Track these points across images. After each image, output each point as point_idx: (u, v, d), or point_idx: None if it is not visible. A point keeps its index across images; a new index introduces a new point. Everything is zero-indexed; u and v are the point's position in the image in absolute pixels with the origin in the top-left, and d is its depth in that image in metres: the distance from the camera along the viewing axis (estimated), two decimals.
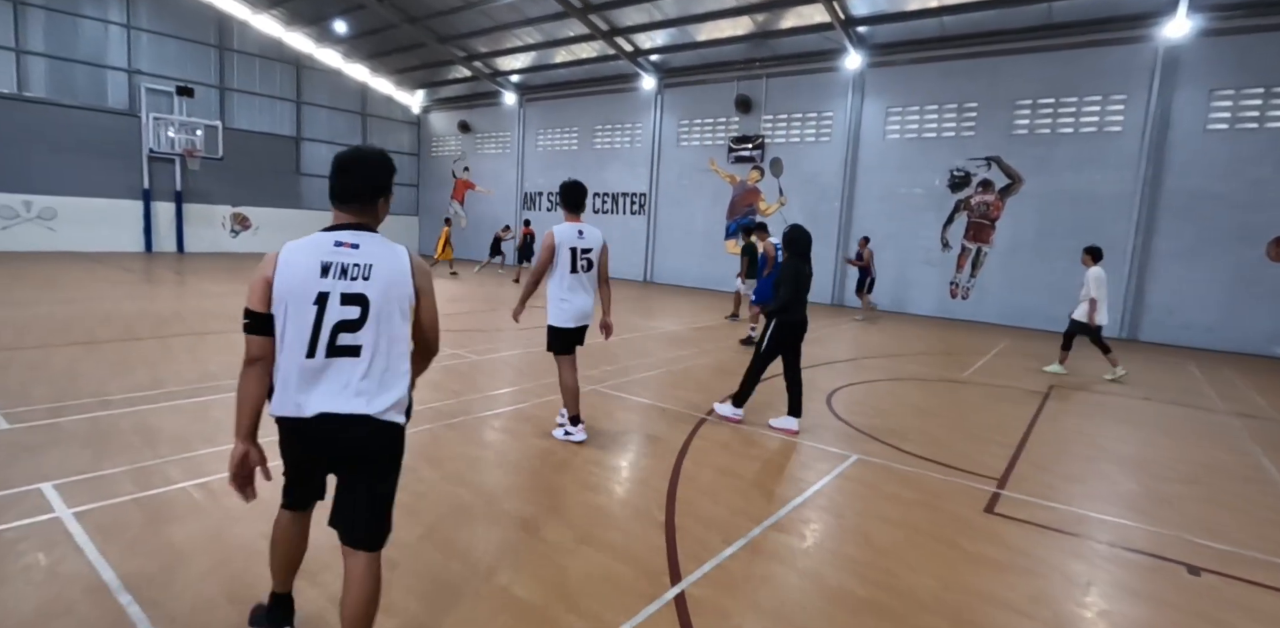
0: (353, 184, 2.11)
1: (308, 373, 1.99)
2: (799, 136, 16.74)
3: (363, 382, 2.01)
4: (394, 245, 2.14)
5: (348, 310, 2.00)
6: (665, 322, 11.52)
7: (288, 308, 1.99)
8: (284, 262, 2.01)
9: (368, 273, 2.03)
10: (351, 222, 2.13)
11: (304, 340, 1.98)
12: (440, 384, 6.29)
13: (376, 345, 2.03)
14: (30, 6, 18.00)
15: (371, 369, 2.02)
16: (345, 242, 2.06)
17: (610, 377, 6.99)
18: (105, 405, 5.03)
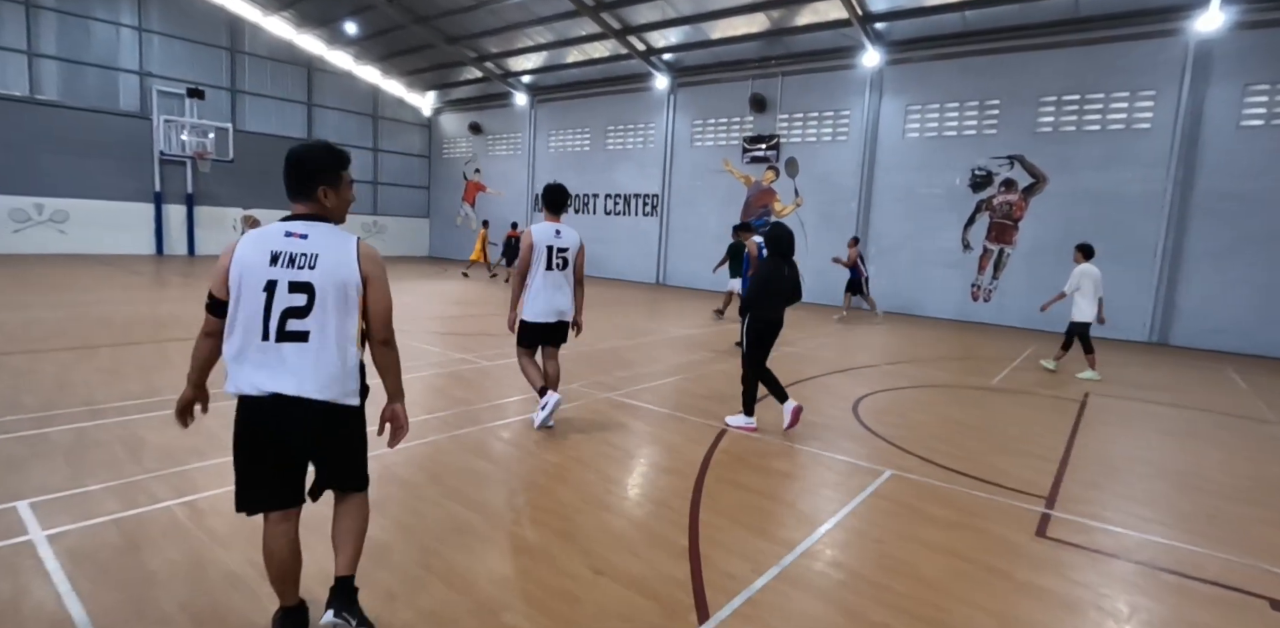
0: (293, 178, 2.23)
1: (261, 355, 2.13)
2: (815, 136, 16.40)
3: (311, 366, 2.13)
4: (344, 235, 2.21)
5: (295, 298, 2.12)
6: (678, 325, 11.22)
7: (240, 294, 2.11)
8: (239, 251, 2.13)
9: (314, 262, 2.13)
10: (303, 213, 2.23)
11: (257, 325, 2.11)
12: (445, 391, 6.01)
13: (324, 331, 2.14)
14: (42, 9, 17.99)
15: (320, 354, 2.14)
16: (295, 232, 2.17)
17: (623, 383, 6.69)
18: (94, 415, 4.79)
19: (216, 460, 4.02)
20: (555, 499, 3.75)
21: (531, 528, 3.37)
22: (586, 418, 5.39)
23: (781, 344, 9.46)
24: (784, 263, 5.28)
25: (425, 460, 4.23)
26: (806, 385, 7.07)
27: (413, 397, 5.73)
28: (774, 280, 5.20)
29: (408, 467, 4.10)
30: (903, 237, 15.07)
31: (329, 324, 2.15)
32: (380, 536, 3.19)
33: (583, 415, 5.46)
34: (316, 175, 2.22)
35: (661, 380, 6.89)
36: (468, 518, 3.44)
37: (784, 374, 7.37)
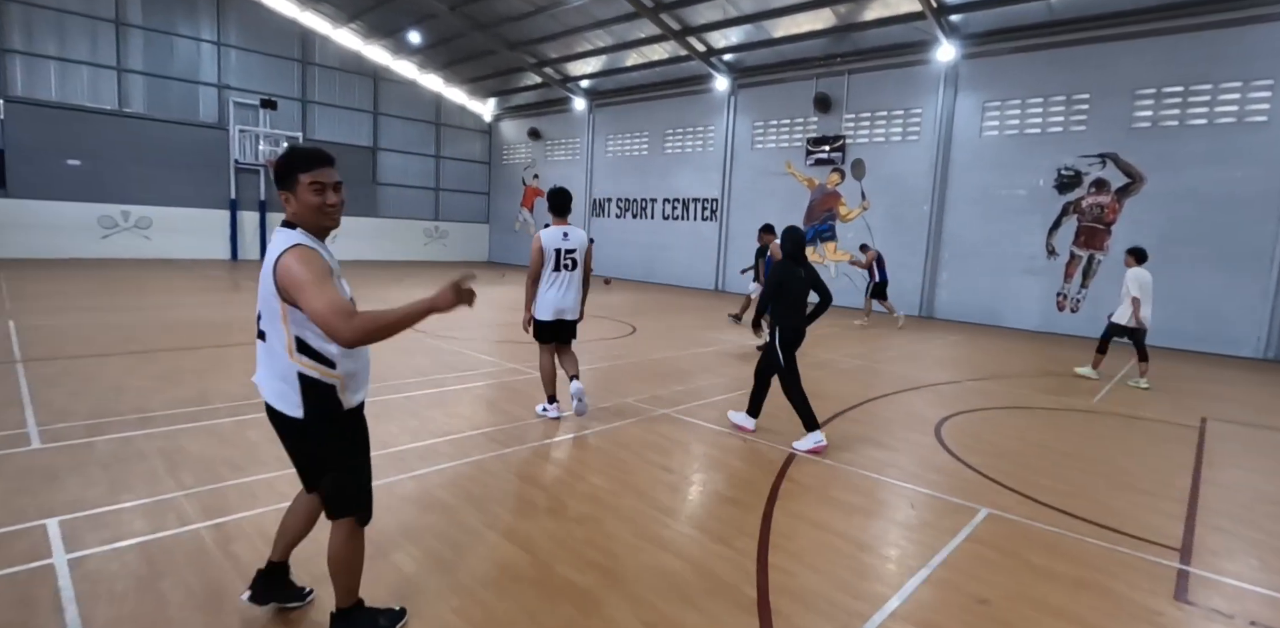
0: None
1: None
2: (884, 136, 15.63)
3: (260, 368, 2.22)
4: (280, 243, 2.10)
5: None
6: (739, 335, 10.73)
7: None
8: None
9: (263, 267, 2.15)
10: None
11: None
12: (495, 404, 5.74)
13: (267, 335, 2.16)
14: (131, 27, 18.96)
15: (266, 357, 2.19)
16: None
17: (682, 398, 6.29)
18: (143, 423, 4.70)
19: (252, 477, 3.82)
20: (605, 533, 3.38)
21: (577, 568, 3.00)
22: (641, 437, 5.02)
23: (850, 357, 8.87)
24: (797, 265, 5.10)
25: (469, 483, 3.93)
26: (880, 404, 6.50)
27: (461, 410, 5.48)
28: (788, 282, 5.04)
29: (450, 490, 3.81)
30: (980, 241, 14.14)
31: (269, 329, 2.15)
32: (413, 569, 2.90)
33: (637, 434, 5.08)
34: (277, 182, 2.19)
35: (722, 396, 6.46)
36: (509, 554, 3.10)
37: (853, 390, 6.84)
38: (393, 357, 7.49)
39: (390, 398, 5.74)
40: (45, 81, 17.87)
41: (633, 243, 21.36)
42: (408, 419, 5.14)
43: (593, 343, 9.08)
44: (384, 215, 24.78)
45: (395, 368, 6.96)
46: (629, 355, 8.32)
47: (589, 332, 9.95)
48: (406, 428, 4.92)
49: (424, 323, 8.30)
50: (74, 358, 6.65)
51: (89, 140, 18.43)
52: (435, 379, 6.56)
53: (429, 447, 4.51)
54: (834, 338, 10.90)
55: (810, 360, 8.54)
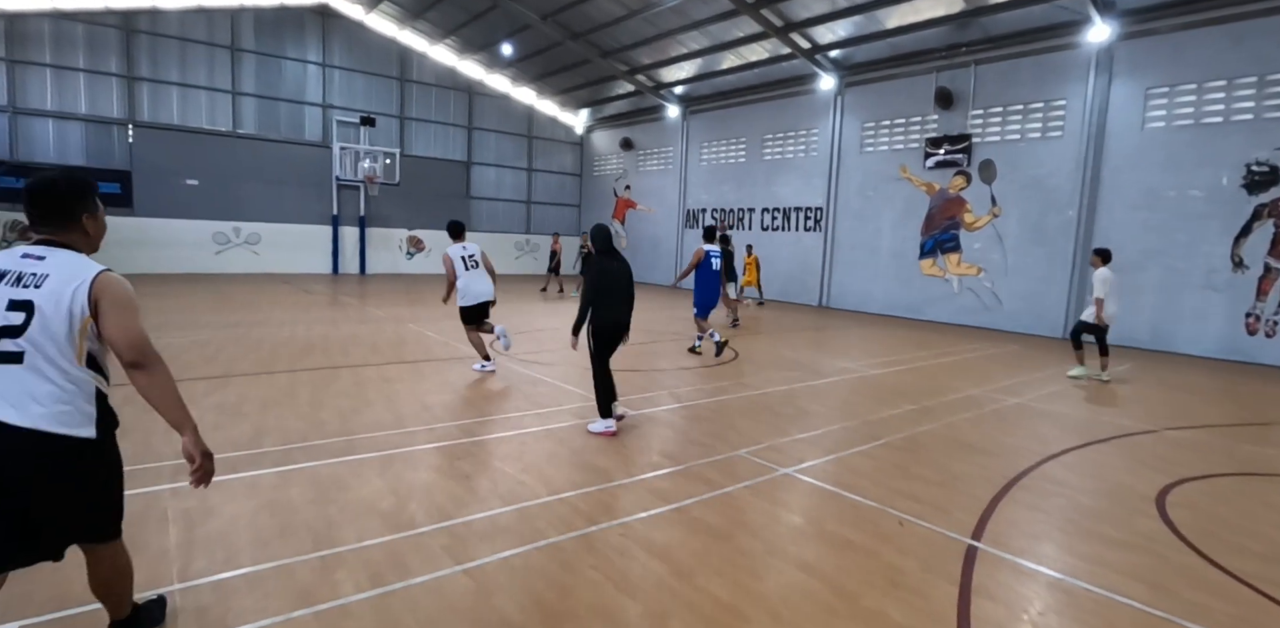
0: (35, 209, 2.16)
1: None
2: (1018, 133, 13.76)
3: (18, 391, 1.98)
4: (87, 262, 2.12)
5: (12, 316, 2.00)
6: (857, 361, 9.36)
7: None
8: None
9: (40, 282, 2.04)
10: (45, 238, 2.15)
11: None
12: (580, 455, 4.75)
13: (43, 355, 2.01)
14: (245, 52, 19.79)
15: (27, 378, 1.99)
16: (32, 254, 2.10)
17: (806, 451, 5.08)
18: (179, 473, 4.04)
19: (256, 567, 2.99)
20: None
21: None
22: (764, 512, 3.89)
23: (1002, 392, 7.34)
24: (612, 260, 5.37)
25: (542, 582, 2.94)
26: (1065, 466, 5.05)
27: (536, 462, 4.54)
28: (606, 276, 5.28)
29: (515, 596, 2.83)
30: (1144, 252, 12.04)
31: (49, 346, 2.02)
32: None
33: (757, 507, 3.96)
34: (88, 202, 2.23)
35: (858, 448, 5.21)
36: None
37: (1023, 444, 5.32)
38: (465, 386, 6.71)
39: (456, 443, 4.89)
40: (168, 106, 18.86)
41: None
42: (476, 472, 4.25)
43: (691, 371, 8.01)
44: (476, 229, 24.77)
45: (471, 400, 6.15)
46: (734, 388, 7.19)
47: (686, 358, 8.90)
48: (470, 487, 4.02)
49: (511, 347, 7.09)
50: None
51: (205, 160, 19.30)
52: (511, 419, 5.68)
53: (492, 520, 3.58)
54: (972, 366, 9.32)
55: (955, 397, 7.10)
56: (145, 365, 2.15)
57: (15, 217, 17.11)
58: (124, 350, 2.13)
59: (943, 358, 9.90)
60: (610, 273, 5.30)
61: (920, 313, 15.39)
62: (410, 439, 4.92)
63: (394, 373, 7.20)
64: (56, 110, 17.48)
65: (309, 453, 4.51)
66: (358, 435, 4.94)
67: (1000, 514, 3.96)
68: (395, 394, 6.26)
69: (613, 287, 5.29)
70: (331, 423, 5.22)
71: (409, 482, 4.07)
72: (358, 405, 5.80)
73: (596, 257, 5.38)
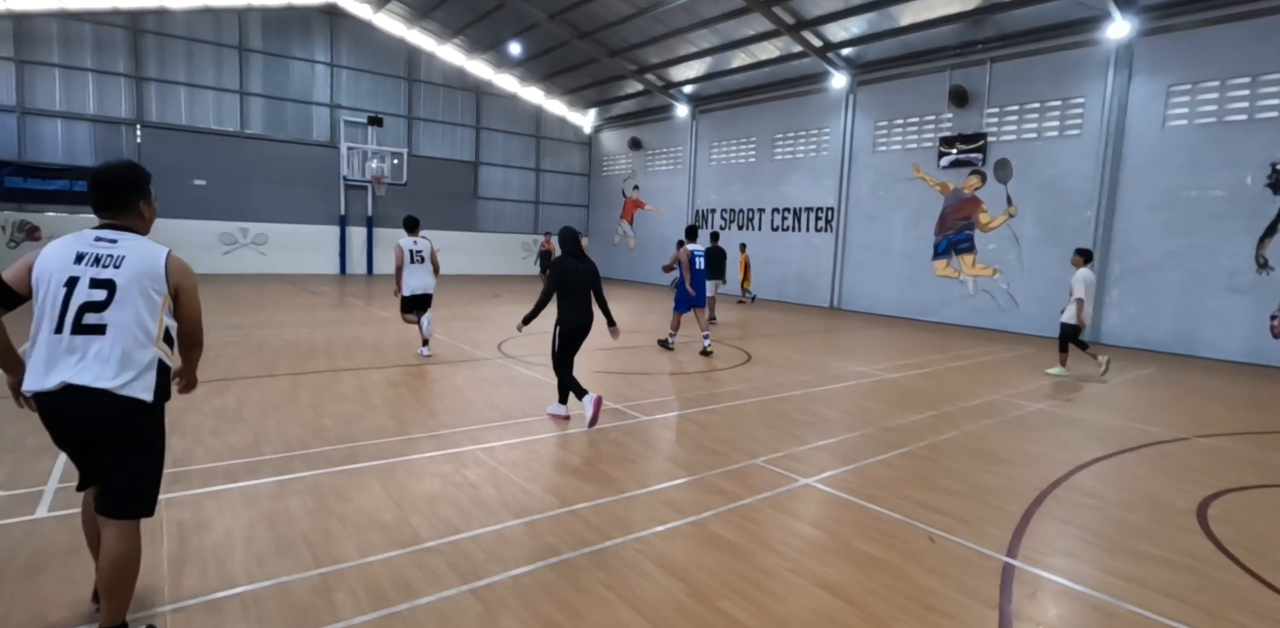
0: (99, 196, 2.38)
1: (55, 349, 2.20)
2: (1035, 131, 13.51)
3: (100, 359, 2.21)
4: (154, 245, 2.36)
5: (95, 293, 2.23)
6: (872, 364, 9.15)
7: (46, 289, 2.24)
8: (46, 251, 2.28)
9: (118, 263, 2.27)
10: (111, 223, 2.38)
11: (53, 317, 2.21)
12: (590, 465, 4.58)
13: (122, 328, 2.24)
14: (252, 52, 19.74)
15: (110, 348, 2.22)
16: (105, 238, 2.32)
17: (825, 460, 4.89)
18: (172, 483, 3.88)
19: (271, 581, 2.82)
20: None
21: None
22: (782, 525, 3.70)
23: (1023, 398, 7.12)
24: (578, 261, 5.50)
25: (553, 603, 2.76)
26: (1097, 476, 4.84)
27: (545, 471, 4.36)
28: (570, 276, 5.45)
29: (522, 619, 2.65)
30: (1164, 253, 11.78)
31: (127, 320, 2.26)
32: None
33: (776, 520, 3.77)
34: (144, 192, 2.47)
35: (878, 457, 5.01)
36: None
37: (1050, 453, 5.08)
38: (469, 390, 6.55)
39: (462, 451, 4.72)
40: (176, 106, 18.83)
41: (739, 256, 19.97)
42: (483, 482, 4.08)
43: (704, 375, 7.83)
44: (484, 230, 24.70)
45: (476, 405, 5.98)
46: (748, 392, 7.00)
47: (696, 362, 8.72)
48: (476, 498, 3.85)
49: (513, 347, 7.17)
50: None
51: (212, 161, 19.26)
52: (518, 424, 5.51)
53: (500, 534, 3.40)
54: (990, 370, 9.10)
55: (975, 402, 6.89)
56: (200, 344, 2.64)
57: (24, 216, 17.10)
58: (192, 331, 2.54)
59: (959, 361, 9.68)
60: (577, 273, 5.44)
61: (933, 315, 15.15)
62: (414, 446, 4.76)
63: (398, 377, 7.05)
64: (64, 111, 17.46)
65: (309, 461, 4.36)
66: (360, 442, 4.78)
67: (1034, 529, 3.76)
68: (399, 399, 6.11)
69: (578, 288, 5.44)
70: (333, 429, 5.06)
71: (413, 492, 3.91)
72: (360, 411, 5.64)
73: (563, 257, 5.53)
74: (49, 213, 17.37)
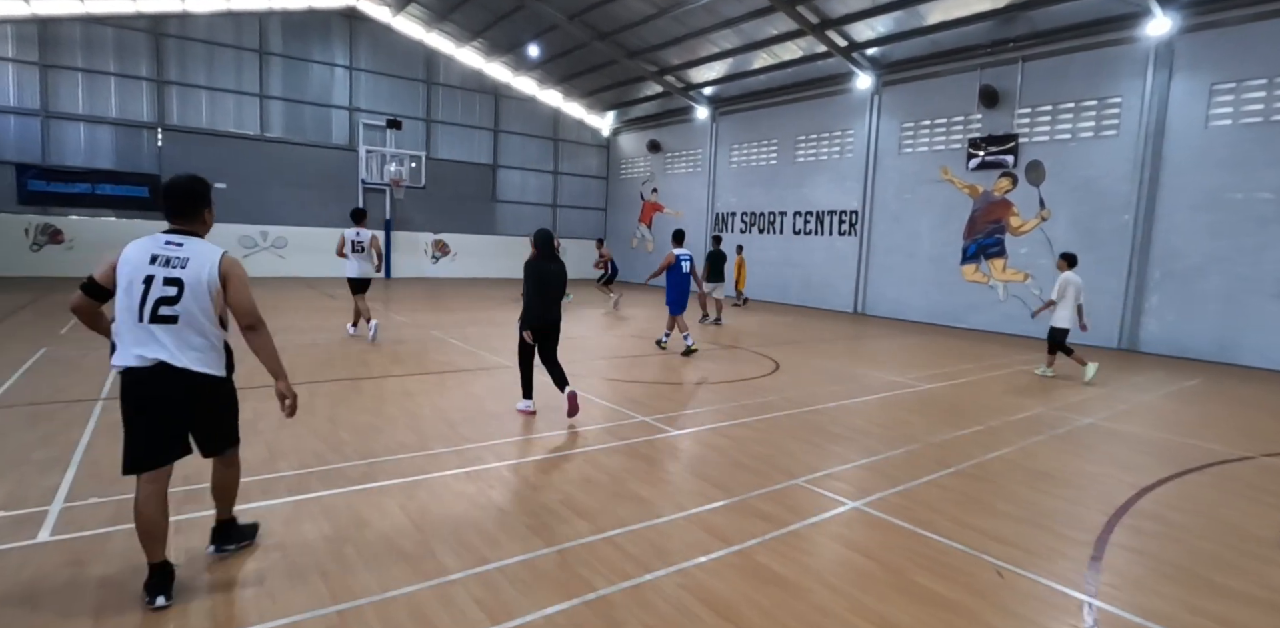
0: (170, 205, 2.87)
1: (138, 333, 2.68)
2: (1069, 132, 13.09)
3: (178, 343, 2.70)
4: (212, 247, 2.83)
5: (167, 289, 2.70)
6: (904, 373, 8.81)
7: (126, 284, 2.69)
8: (125, 252, 2.73)
9: (184, 264, 2.73)
10: (178, 228, 2.86)
11: (134, 309, 2.67)
12: (616, 486, 4.31)
13: (191, 318, 2.73)
14: (273, 56, 19.75)
15: (184, 333, 2.72)
16: (173, 241, 2.78)
17: (869, 480, 4.59)
18: (187, 501, 3.67)
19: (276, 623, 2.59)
20: None
21: None
22: (840, 558, 3.41)
23: (1074, 413, 6.75)
24: (550, 262, 5.73)
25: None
26: (1165, 500, 4.49)
27: (573, 490, 4.09)
28: (544, 276, 5.65)
29: None
30: (1208, 257, 11.32)
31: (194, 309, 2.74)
32: None
33: (833, 550, 3.48)
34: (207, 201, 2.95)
35: (927, 477, 4.70)
36: None
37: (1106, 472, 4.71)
38: (490, 400, 6.31)
39: (486, 468, 4.47)
40: (196, 110, 18.87)
41: (760, 260, 19.64)
42: (510, 504, 3.82)
43: (732, 385, 7.54)
44: (501, 233, 24.54)
45: (498, 416, 5.74)
46: (779, 404, 6.70)
47: (725, 370, 8.44)
48: (503, 523, 3.59)
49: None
50: None
51: (233, 164, 19.25)
52: (543, 439, 5.26)
53: (530, 565, 3.14)
54: (1029, 380, 8.72)
55: (1020, 416, 6.54)
56: (256, 327, 2.92)
57: (48, 220, 17.17)
58: (242, 316, 2.87)
59: (995, 370, 9.31)
60: (550, 274, 5.71)
61: (962, 321, 14.74)
62: (436, 463, 4.52)
63: (416, 386, 6.84)
64: (87, 114, 17.53)
65: (325, 480, 4.13)
66: (379, 458, 4.55)
67: (1109, 562, 3.45)
68: (418, 410, 5.88)
69: (548, 287, 5.69)
70: (351, 444, 4.84)
71: (435, 516, 3.67)
72: (379, 423, 5.42)
73: (537, 259, 5.71)
74: (72, 216, 17.45)
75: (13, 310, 11.07)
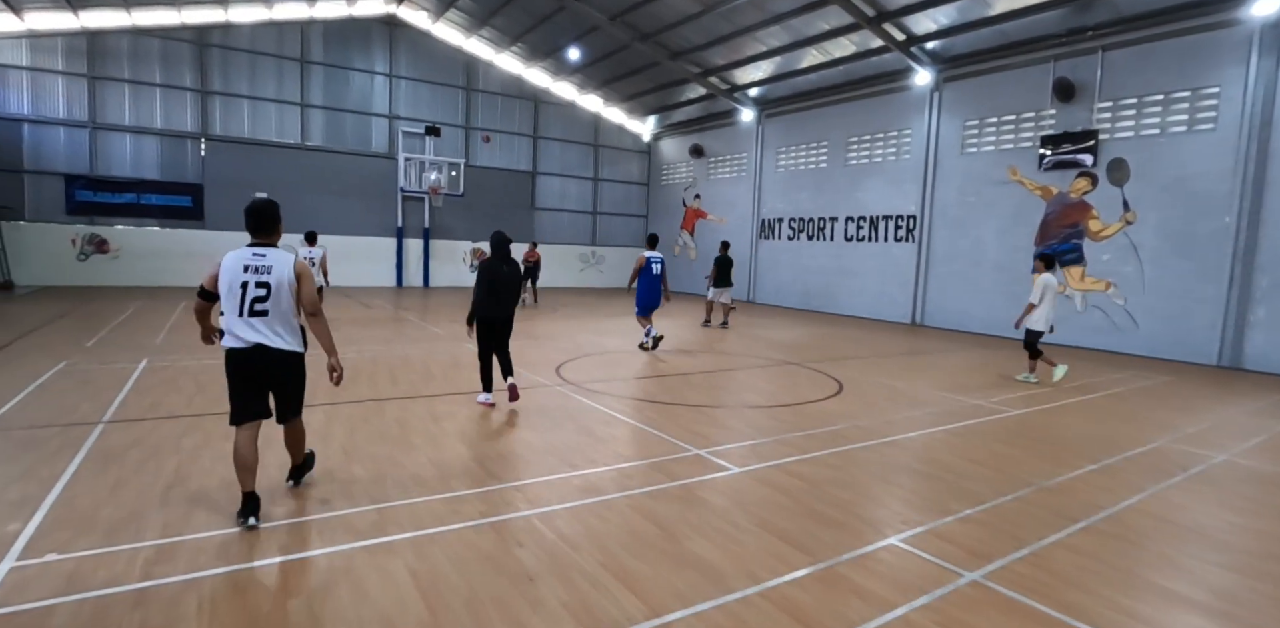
0: (253, 224, 3.67)
1: (240, 324, 3.53)
2: (1157, 127, 11.91)
3: (270, 330, 3.58)
4: (286, 255, 3.65)
5: (259, 291, 3.54)
6: (979, 393, 7.83)
7: (228, 288, 3.53)
8: (224, 264, 3.54)
9: (269, 270, 3.56)
10: (260, 242, 3.66)
11: (235, 306, 3.52)
12: (664, 547, 3.54)
13: (276, 310, 3.59)
14: (314, 65, 19.71)
15: (274, 323, 3.59)
16: (259, 253, 3.60)
17: (988, 543, 3.73)
18: (155, 563, 3.05)
19: None
20: None
21: None
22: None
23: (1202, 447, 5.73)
24: (502, 263, 6.19)
25: None
26: None
27: (619, 549, 3.33)
28: (495, 276, 6.14)
29: None
30: None
31: (280, 306, 3.60)
32: None
33: None
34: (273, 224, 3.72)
35: (1053, 536, 3.81)
36: None
37: (1275, 526, 3.81)
38: (523, 427, 5.61)
39: (514, 517, 3.77)
40: (239, 119, 18.89)
41: (810, 268, 18.71)
42: (541, 569, 3.10)
43: (794, 410, 6.72)
44: (541, 241, 24.05)
45: (531, 447, 5.04)
46: (852, 434, 5.85)
47: (783, 391, 7.62)
48: (535, 598, 2.87)
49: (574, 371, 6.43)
50: (160, 420, 5.44)
51: (274, 173, 19.21)
52: (581, 478, 4.53)
53: None
54: (1133, 405, 7.67)
55: (1139, 451, 5.56)
56: (317, 315, 3.76)
57: (94, 230, 17.30)
58: (307, 305, 3.72)
59: (1086, 392, 8.26)
60: (500, 274, 6.21)
61: None
62: (456, 509, 3.83)
63: (444, 408, 6.20)
64: (133, 125, 17.66)
65: (326, 532, 3.47)
66: (391, 503, 3.89)
67: None
68: (443, 438, 5.23)
69: (501, 287, 6.20)
70: (362, 481, 4.20)
71: (451, 585, 2.96)
72: (397, 454, 4.78)
73: (491, 260, 6.21)
74: (117, 226, 17.56)
75: (49, 320, 10.90)
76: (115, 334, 9.80)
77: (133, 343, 9.07)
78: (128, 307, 13.22)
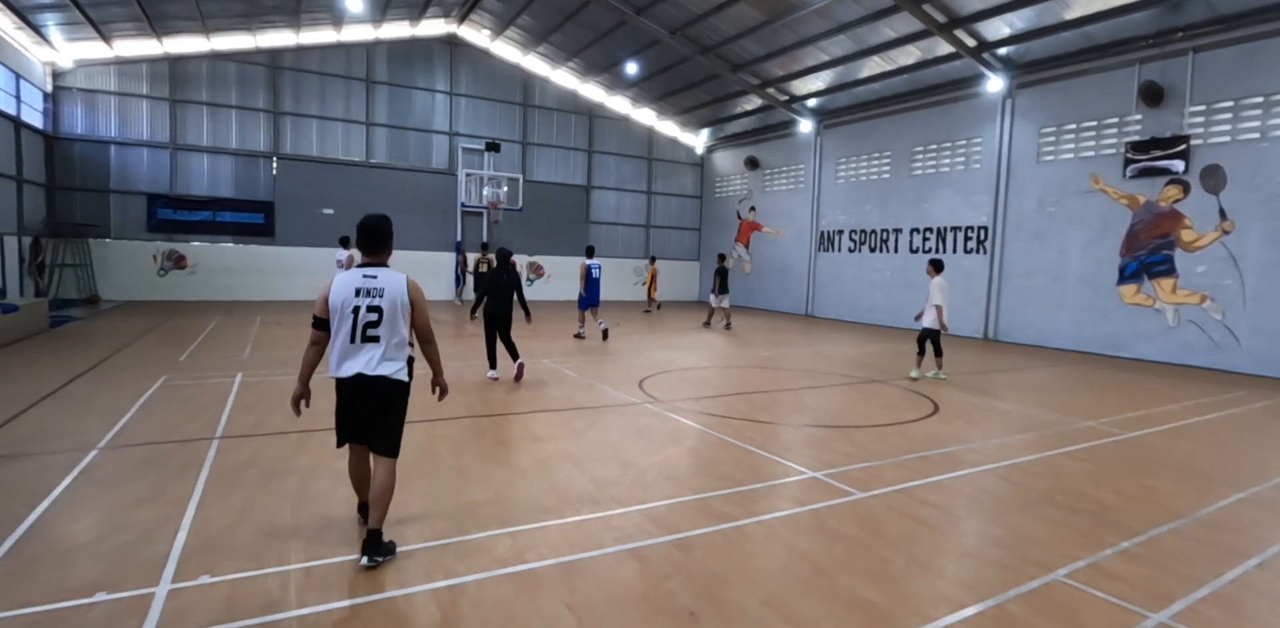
0: (365, 241, 3.51)
1: (350, 351, 3.38)
2: (1257, 131, 11.29)
3: (381, 357, 3.39)
4: (399, 275, 3.48)
5: (371, 315, 3.37)
6: (1087, 414, 7.42)
7: (339, 313, 3.37)
8: (333, 287, 3.39)
9: (381, 293, 3.39)
10: (371, 261, 3.51)
11: (347, 332, 3.36)
12: (818, 584, 3.36)
13: (390, 336, 3.41)
14: (378, 85, 20.26)
15: (386, 349, 3.40)
16: (369, 274, 3.42)
17: (1143, 578, 3.45)
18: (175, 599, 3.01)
19: None
20: None
21: None
22: None
23: None
24: (503, 273, 8.32)
25: None
26: None
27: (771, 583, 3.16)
28: (496, 282, 8.28)
29: None
30: None
31: (392, 331, 3.42)
32: None
33: None
34: (385, 240, 3.57)
35: (1226, 574, 3.51)
36: None
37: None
38: (627, 444, 5.49)
39: (653, 544, 3.63)
40: (308, 138, 19.49)
41: (873, 281, 18.29)
42: (692, 598, 2.96)
43: (895, 429, 6.46)
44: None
45: (645, 470, 4.91)
46: (968, 457, 5.57)
47: (877, 410, 7.35)
48: None
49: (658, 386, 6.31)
50: (269, 437, 5.50)
51: (340, 190, 19.74)
52: (706, 502, 4.38)
53: None
54: (1262, 427, 7.16)
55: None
56: (431, 342, 3.69)
57: (173, 246, 17.99)
58: (423, 332, 3.64)
59: (1204, 413, 7.76)
60: (500, 282, 8.27)
61: (1123, 350, 12.92)
62: (590, 536, 3.72)
63: (541, 427, 6.13)
64: (210, 145, 18.37)
65: (465, 557, 3.39)
66: (521, 527, 3.80)
67: None
68: (550, 460, 5.14)
69: (499, 291, 8.27)
70: (486, 506, 4.12)
71: (611, 624, 2.84)
72: (511, 477, 4.71)
73: (495, 271, 8.32)
74: (194, 242, 18.24)
75: (137, 336, 11.29)
76: (204, 349, 10.08)
77: (222, 358, 9.30)
78: (208, 321, 13.64)
